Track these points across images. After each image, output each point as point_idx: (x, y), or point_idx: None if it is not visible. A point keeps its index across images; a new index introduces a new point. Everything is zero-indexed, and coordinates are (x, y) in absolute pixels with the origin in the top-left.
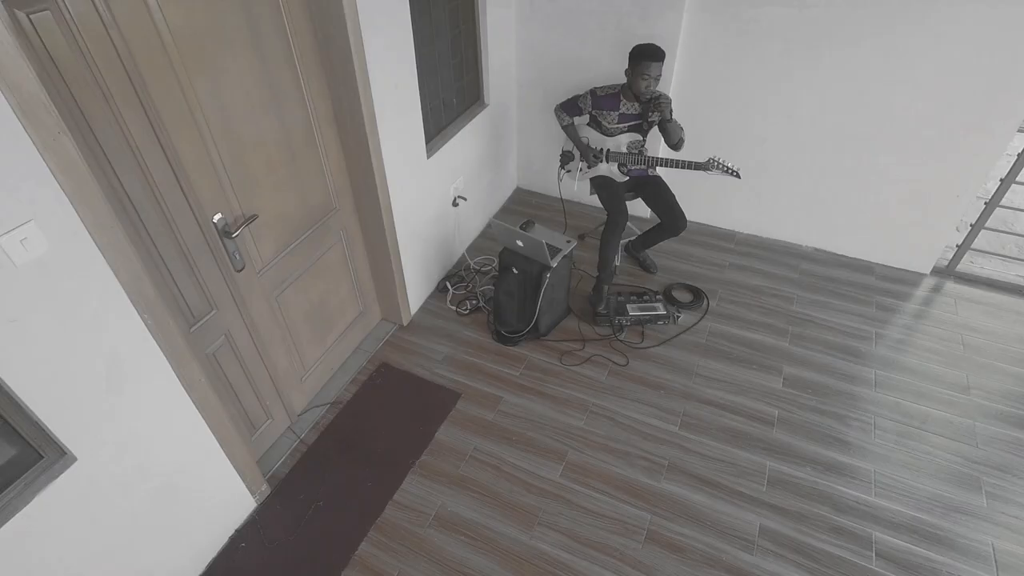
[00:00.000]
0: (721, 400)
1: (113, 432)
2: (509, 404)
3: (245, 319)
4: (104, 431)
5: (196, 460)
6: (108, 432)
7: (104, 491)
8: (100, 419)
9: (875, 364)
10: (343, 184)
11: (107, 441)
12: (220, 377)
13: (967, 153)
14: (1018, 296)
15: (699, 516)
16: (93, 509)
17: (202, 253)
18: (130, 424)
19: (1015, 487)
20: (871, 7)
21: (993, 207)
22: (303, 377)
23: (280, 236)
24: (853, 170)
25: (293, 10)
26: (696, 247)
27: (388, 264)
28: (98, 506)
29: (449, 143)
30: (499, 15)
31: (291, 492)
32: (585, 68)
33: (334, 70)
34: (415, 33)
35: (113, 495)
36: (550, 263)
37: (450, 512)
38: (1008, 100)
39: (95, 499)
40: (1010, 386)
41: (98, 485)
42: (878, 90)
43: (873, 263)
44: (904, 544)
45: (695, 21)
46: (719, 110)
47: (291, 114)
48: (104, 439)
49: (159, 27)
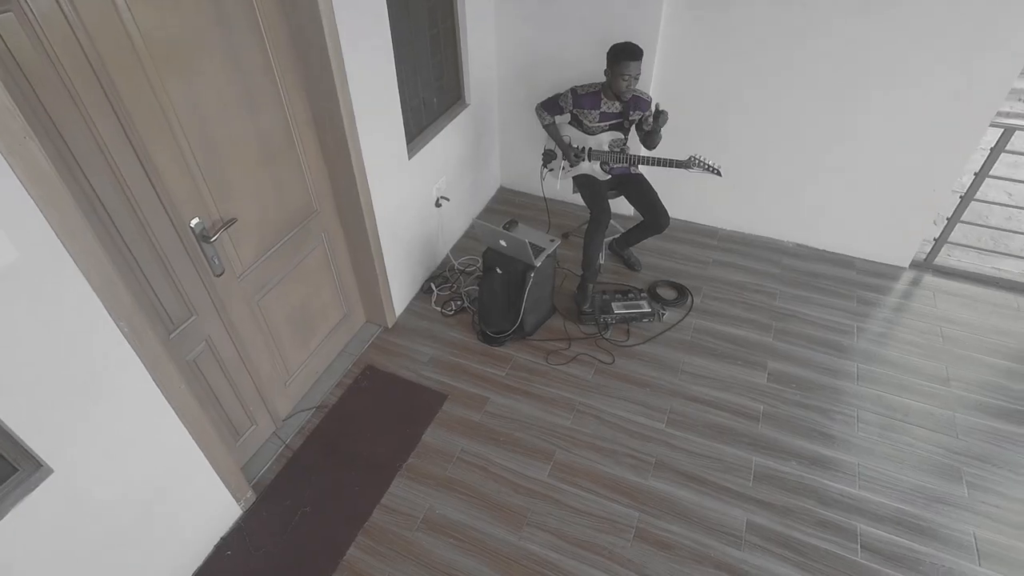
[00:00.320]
0: (706, 396)
1: (91, 443)
2: (496, 405)
3: (226, 324)
4: (81, 442)
5: (178, 469)
6: (86, 443)
7: (83, 503)
8: (76, 430)
9: (857, 358)
10: (323, 186)
11: (85, 452)
12: (202, 384)
13: (942, 148)
14: (994, 288)
15: (687, 513)
16: (72, 521)
17: (180, 258)
18: (109, 434)
19: (994, 476)
20: (846, 3)
21: (968, 201)
22: (287, 382)
23: (260, 239)
24: (832, 166)
25: (267, 10)
26: (680, 244)
27: (371, 266)
28: (77, 518)
29: (430, 143)
30: (478, 14)
31: (277, 498)
32: (566, 67)
33: (311, 70)
34: (393, 31)
35: (92, 507)
36: (534, 262)
37: (438, 515)
38: (981, 96)
39: (74, 511)
40: (988, 376)
41: (76, 497)
42: (855, 87)
43: (854, 257)
44: (888, 536)
45: (674, 18)
46: (700, 107)
47: (268, 116)
48: (82, 450)
49: (128, 28)
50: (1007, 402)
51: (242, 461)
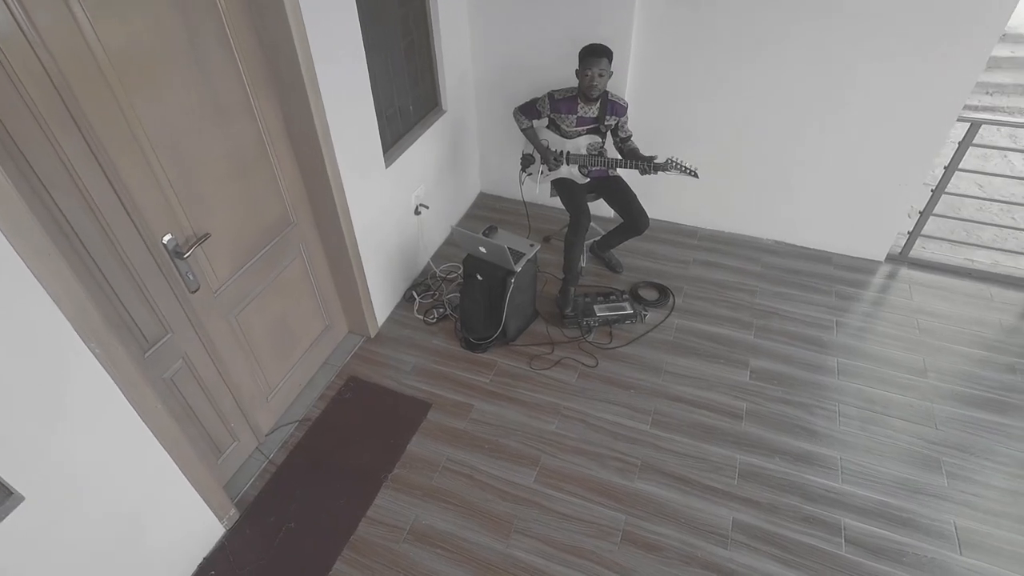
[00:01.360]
0: (690, 396)
1: (65, 468)
2: (480, 412)
3: (203, 341)
4: (54, 468)
5: (158, 490)
6: (59, 468)
7: (59, 529)
8: (48, 455)
9: (837, 352)
10: (300, 197)
11: (58, 478)
12: (180, 402)
13: (912, 143)
14: (967, 279)
15: (673, 514)
16: (48, 548)
17: (153, 276)
18: (83, 458)
19: (972, 465)
20: (814, 2)
21: (939, 194)
22: (269, 396)
23: (236, 254)
24: (807, 163)
25: (236, 22)
26: (661, 245)
27: (351, 276)
28: (53, 545)
29: (408, 151)
30: (451, 20)
31: (261, 515)
32: (542, 71)
33: (282, 81)
34: (366, 39)
35: (69, 533)
36: (514, 268)
37: (425, 525)
38: (947, 91)
39: (49, 537)
40: (963, 366)
41: (51, 523)
42: (824, 84)
43: (831, 253)
44: (872, 528)
45: (647, 20)
46: (675, 109)
47: (240, 128)
48: (55, 476)
49: (91, 44)
50: (983, 391)
51: (224, 478)
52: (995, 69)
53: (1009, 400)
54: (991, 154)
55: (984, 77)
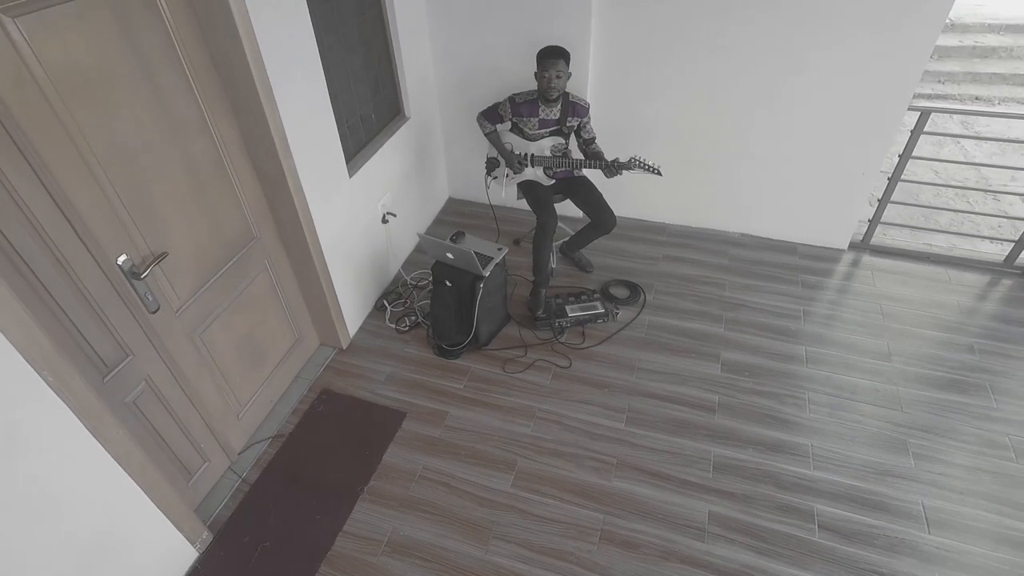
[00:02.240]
0: (663, 392)
1: (25, 502)
2: (455, 418)
3: (167, 362)
4: (13, 503)
5: (125, 519)
6: (19, 504)
7: (23, 567)
8: (6, 491)
9: (805, 341)
10: (262, 211)
11: (19, 514)
12: (145, 426)
13: (866, 133)
14: (926, 263)
15: (650, 510)
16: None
17: (108, 298)
18: (43, 492)
19: (937, 445)
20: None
21: (895, 182)
22: (240, 414)
23: (197, 271)
24: (767, 156)
25: (185, 37)
26: (630, 242)
27: (319, 288)
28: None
29: (372, 160)
30: (410, 27)
31: (235, 535)
32: (503, 74)
33: (237, 95)
34: (322, 48)
35: (29, 560)
36: (482, 272)
37: (403, 536)
38: (897, 81)
39: (3, 570)
40: (925, 349)
41: (14, 562)
42: (778, 77)
43: (796, 243)
44: (843, 513)
45: (604, 19)
46: (636, 107)
47: (195, 144)
48: (15, 513)
49: (30, 65)
50: (945, 372)
51: (196, 501)
52: (945, 58)
53: (969, 379)
54: (945, 141)
55: (935, 67)
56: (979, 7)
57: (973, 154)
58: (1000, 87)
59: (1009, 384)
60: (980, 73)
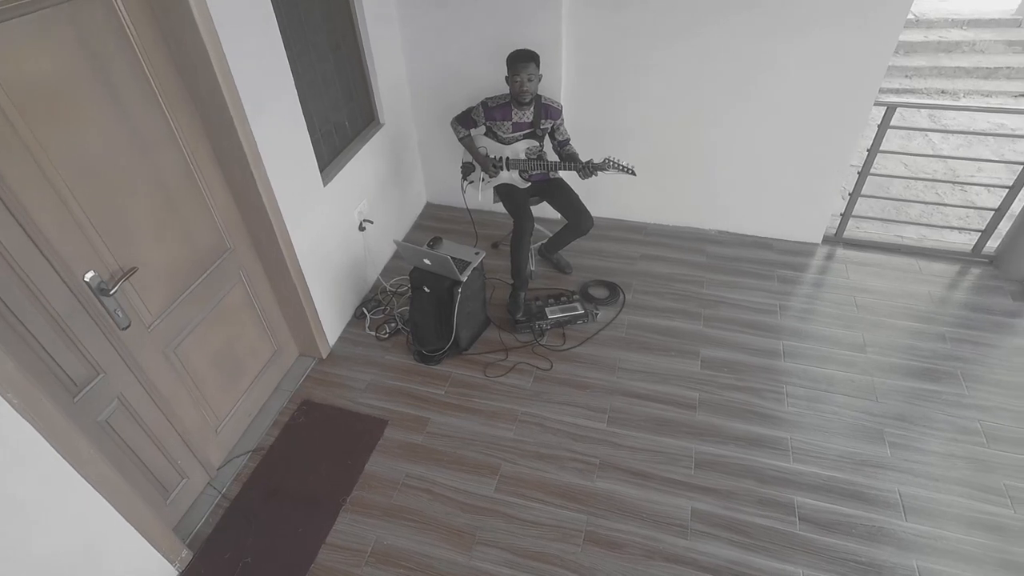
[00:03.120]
0: (644, 391)
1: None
2: (437, 424)
3: (140, 379)
4: None
5: (100, 541)
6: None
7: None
8: None
9: (783, 335)
10: (235, 222)
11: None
12: (119, 445)
13: (835, 129)
14: (898, 255)
15: (634, 509)
16: None
17: (77, 316)
18: (13, 519)
19: (912, 434)
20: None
21: (865, 176)
22: (218, 428)
23: (169, 285)
24: (740, 153)
25: (149, 48)
26: (608, 242)
27: (296, 298)
28: None
29: (347, 167)
30: (380, 33)
31: (216, 552)
32: (476, 79)
33: (203, 105)
34: (291, 56)
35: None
36: (460, 278)
37: (386, 546)
38: (863, 77)
39: None
40: (899, 339)
41: None
42: (750, 75)
43: (771, 239)
44: (823, 504)
45: (575, 20)
46: (610, 108)
47: (163, 157)
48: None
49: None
50: (918, 361)
51: (175, 519)
52: (912, 53)
53: (941, 368)
54: (914, 134)
55: (902, 62)
56: (943, 3)
57: (940, 147)
58: (965, 80)
59: (979, 371)
60: (945, 67)
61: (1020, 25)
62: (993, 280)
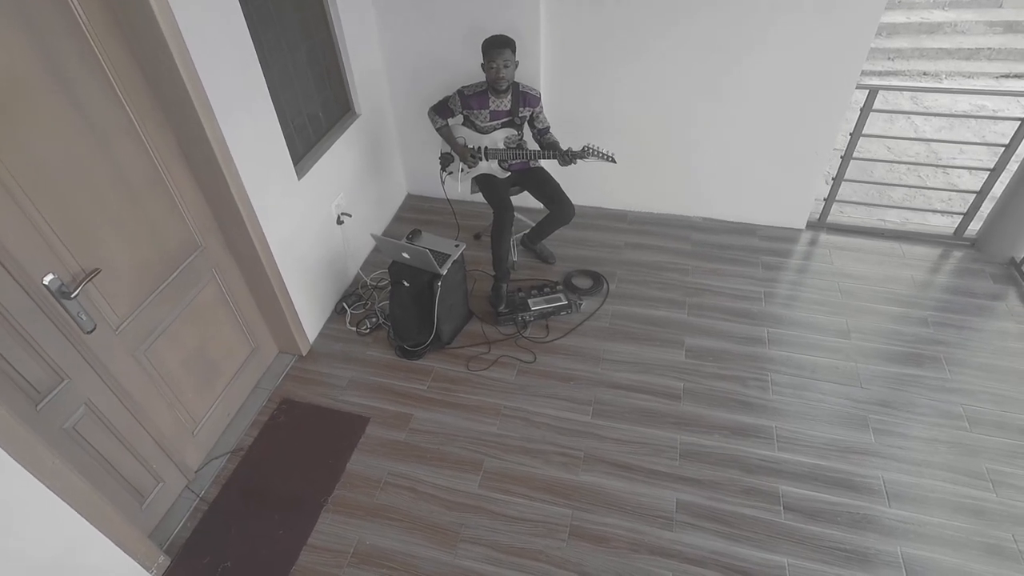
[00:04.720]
0: (629, 382)
1: None
2: (420, 420)
3: (108, 383)
4: None
5: (72, 552)
6: None
7: None
8: None
9: (767, 322)
10: (205, 220)
11: None
12: (88, 452)
13: (817, 112)
14: (880, 239)
15: (619, 502)
16: None
17: (36, 321)
18: None
19: (895, 419)
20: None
21: (848, 160)
22: (195, 430)
23: (137, 286)
24: (722, 139)
25: (104, 40)
26: (592, 231)
27: (273, 295)
28: None
29: (322, 160)
30: (354, 21)
31: (195, 557)
32: (454, 67)
33: (166, 100)
34: (260, 47)
35: None
36: (439, 271)
37: (369, 546)
38: (844, 59)
39: None
40: (882, 324)
41: None
42: (732, 59)
43: (756, 225)
44: (807, 493)
45: (553, 10)
46: (590, 95)
47: (126, 153)
48: None
49: None
50: (901, 346)
51: (151, 525)
52: (894, 35)
53: (924, 352)
54: (897, 117)
55: (885, 43)
56: None
57: (923, 129)
58: (947, 62)
59: (961, 354)
60: (927, 48)
61: (1001, 5)
62: (975, 263)
